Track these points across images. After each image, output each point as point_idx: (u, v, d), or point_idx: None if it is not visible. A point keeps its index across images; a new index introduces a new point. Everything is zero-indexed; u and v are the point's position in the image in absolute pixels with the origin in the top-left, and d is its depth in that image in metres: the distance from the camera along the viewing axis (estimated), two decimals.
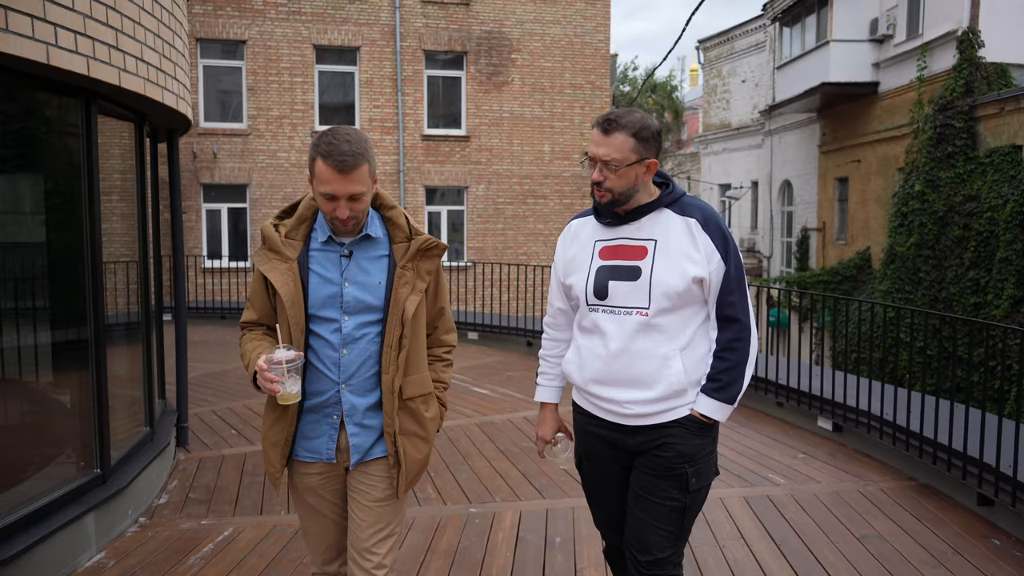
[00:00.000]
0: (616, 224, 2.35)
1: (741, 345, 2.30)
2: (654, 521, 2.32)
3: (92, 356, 3.95)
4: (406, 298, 2.23)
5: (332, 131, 2.10)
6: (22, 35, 3.04)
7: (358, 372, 2.23)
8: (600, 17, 19.08)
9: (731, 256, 2.28)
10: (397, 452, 2.27)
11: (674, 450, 2.29)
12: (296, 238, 2.24)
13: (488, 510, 4.41)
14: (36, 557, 3.38)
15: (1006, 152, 13.92)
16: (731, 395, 2.30)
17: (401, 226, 2.29)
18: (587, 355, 2.36)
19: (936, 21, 16.00)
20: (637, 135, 2.22)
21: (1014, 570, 3.68)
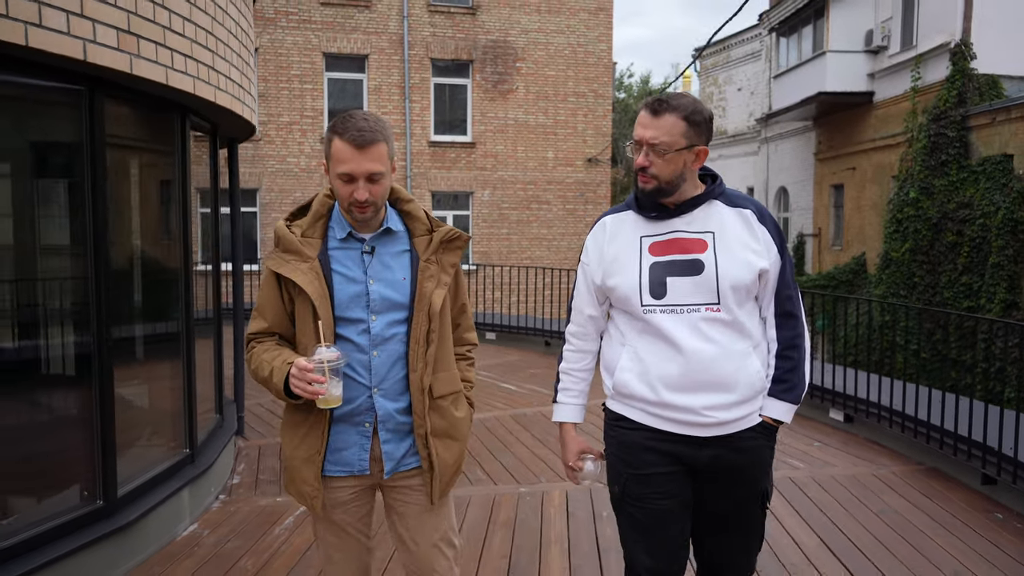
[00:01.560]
0: (664, 217, 2.17)
1: (801, 342, 2.20)
2: (747, 546, 2.22)
3: (183, 349, 4.36)
4: (432, 292, 2.13)
5: (347, 113, 2.03)
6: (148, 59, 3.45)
7: (389, 374, 2.12)
8: (603, 27, 19.55)
9: (786, 249, 2.19)
10: (430, 455, 2.16)
11: (754, 468, 2.16)
12: (314, 236, 2.12)
13: (536, 489, 4.82)
14: (148, 524, 3.78)
15: (997, 161, 14.45)
16: (798, 395, 2.19)
17: (420, 218, 2.20)
18: (654, 361, 2.13)
19: (929, 33, 16.52)
20: (688, 118, 2.06)
21: (1015, 538, 4.12)
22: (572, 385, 2.38)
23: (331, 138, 2.01)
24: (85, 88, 3.42)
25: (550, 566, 3.74)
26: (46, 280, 3.58)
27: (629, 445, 2.20)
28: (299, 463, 2.13)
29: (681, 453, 2.14)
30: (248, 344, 2.20)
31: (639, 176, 2.12)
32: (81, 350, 3.60)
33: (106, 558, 3.51)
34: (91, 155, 3.46)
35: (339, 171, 2.00)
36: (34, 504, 3.42)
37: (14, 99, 3.32)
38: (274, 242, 2.14)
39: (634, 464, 2.19)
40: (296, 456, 2.13)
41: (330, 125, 2.03)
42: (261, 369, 2.09)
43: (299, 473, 2.13)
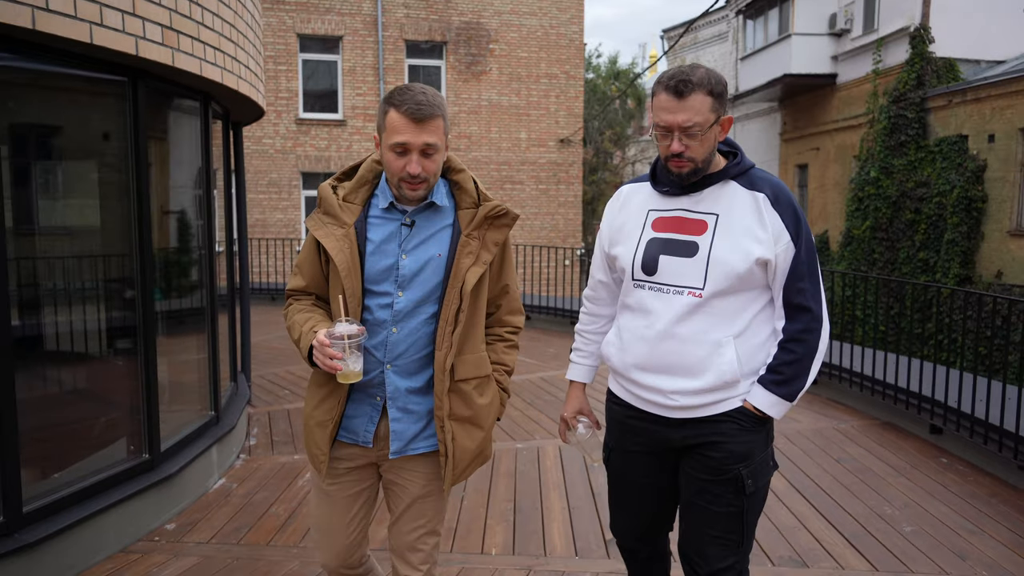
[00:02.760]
0: (675, 194, 2.12)
1: (810, 337, 2.07)
2: (711, 530, 2.11)
3: (207, 321, 4.72)
4: (467, 269, 2.04)
5: (405, 85, 1.98)
6: (186, 52, 3.79)
7: (406, 352, 2.05)
8: (574, 9, 19.85)
9: (803, 238, 2.05)
10: (446, 439, 2.08)
11: (724, 449, 2.07)
12: (355, 202, 2.06)
13: (532, 445, 5.27)
14: (186, 477, 4.15)
15: (953, 141, 15.12)
16: (792, 391, 2.07)
17: (469, 191, 2.11)
18: (629, 337, 2.15)
19: (890, 17, 17.12)
20: (712, 92, 1.98)
21: (958, 478, 4.66)
22: (583, 346, 2.40)
23: (387, 109, 1.95)
24: (128, 79, 3.75)
25: (551, 507, 4.19)
26: (96, 257, 3.91)
27: (613, 421, 2.27)
28: (314, 425, 2.12)
29: (655, 433, 2.15)
30: (287, 300, 2.19)
31: (673, 162, 2.03)
32: (128, 322, 3.94)
33: (153, 506, 3.88)
34: (134, 141, 3.79)
35: (393, 141, 1.93)
36: (90, 457, 3.77)
37: (71, 91, 3.64)
38: (316, 202, 2.09)
39: (618, 440, 2.26)
40: (313, 417, 2.12)
41: (386, 97, 1.97)
42: (293, 330, 2.08)
43: (312, 434, 2.13)
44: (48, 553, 3.26)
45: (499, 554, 3.64)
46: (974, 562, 3.57)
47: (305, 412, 2.17)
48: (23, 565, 3.16)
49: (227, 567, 3.49)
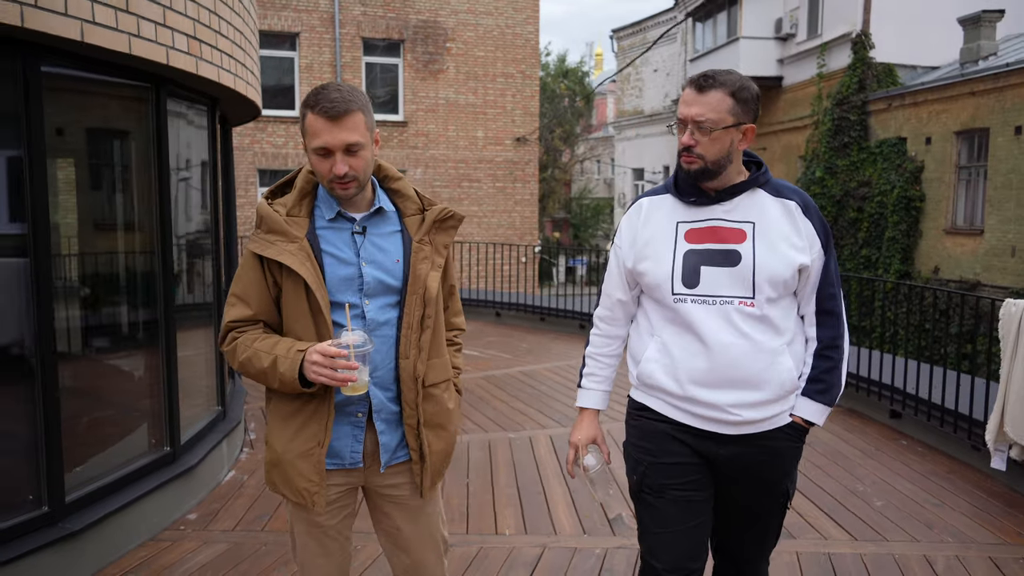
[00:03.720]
0: (704, 204, 2.07)
1: (841, 342, 2.12)
2: (756, 535, 2.21)
3: (214, 319, 4.86)
4: (427, 275, 2.01)
5: (320, 86, 1.91)
6: (207, 60, 3.95)
7: (383, 362, 2.00)
8: (530, 9, 20.13)
9: (831, 245, 2.09)
10: (421, 445, 2.05)
11: (776, 468, 2.10)
12: (300, 215, 1.97)
13: (523, 435, 5.54)
14: (203, 469, 4.31)
15: (893, 143, 15.88)
16: (833, 397, 2.10)
17: (411, 197, 2.08)
18: (681, 353, 2.06)
19: (833, 23, 17.85)
20: (736, 95, 1.97)
21: (918, 458, 5.09)
22: (597, 371, 2.30)
23: (304, 113, 1.88)
24: (152, 86, 3.89)
25: (553, 491, 4.47)
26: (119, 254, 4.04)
27: (651, 433, 2.14)
28: (294, 458, 1.97)
29: (702, 448, 2.09)
30: (227, 334, 1.99)
31: (683, 156, 2.03)
32: (149, 318, 4.08)
33: (175, 497, 4.03)
34: (157, 145, 3.94)
35: (314, 145, 1.87)
36: (117, 451, 3.90)
37: (103, 96, 3.77)
38: (256, 222, 1.97)
39: (655, 452, 2.12)
40: (291, 450, 1.97)
41: (303, 100, 1.90)
42: (257, 360, 1.91)
43: (294, 468, 1.97)
44: (90, 540, 3.41)
45: (513, 534, 3.90)
46: (940, 530, 3.97)
47: (277, 449, 1.99)
48: (69, 551, 3.30)
49: (257, 552, 3.68)
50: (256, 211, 1.97)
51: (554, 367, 7.97)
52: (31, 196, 3.17)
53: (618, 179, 32.75)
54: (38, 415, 3.27)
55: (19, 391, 3.30)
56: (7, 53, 3.04)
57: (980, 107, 13.98)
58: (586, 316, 10.26)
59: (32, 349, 3.26)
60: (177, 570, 3.50)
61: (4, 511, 3.21)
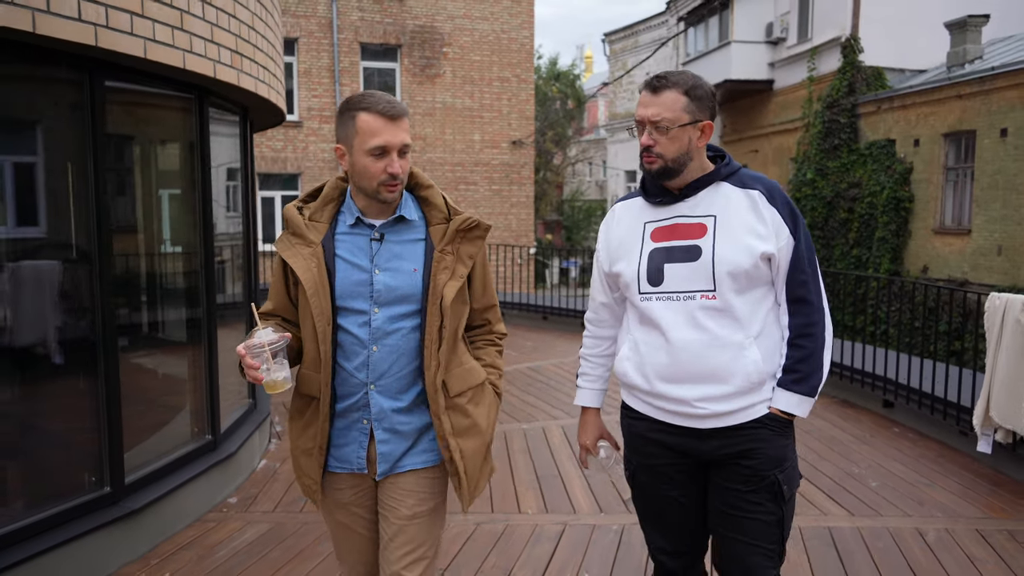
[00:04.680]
0: (668, 202, 2.11)
1: (816, 330, 2.07)
2: (753, 540, 2.07)
3: (247, 314, 5.12)
4: (444, 284, 1.99)
5: (364, 92, 1.95)
6: (248, 73, 4.22)
7: (389, 371, 1.99)
8: (525, 15, 20.43)
9: (800, 231, 2.06)
10: (452, 455, 2.04)
11: (760, 455, 2.05)
12: (321, 220, 2.03)
13: (536, 426, 5.82)
14: (241, 456, 4.58)
15: (882, 145, 16.25)
16: (812, 386, 2.06)
17: (438, 206, 2.06)
18: (647, 350, 2.10)
19: (823, 27, 18.22)
20: (689, 93, 2.01)
21: (910, 444, 5.41)
22: (590, 370, 2.37)
23: (355, 114, 1.90)
24: (195, 96, 4.16)
25: (569, 475, 4.75)
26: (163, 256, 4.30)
27: (635, 436, 2.21)
28: (299, 454, 2.09)
29: (684, 446, 2.11)
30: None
31: (644, 157, 2.06)
32: (195, 315, 4.35)
33: (217, 481, 4.30)
34: (200, 152, 4.21)
35: (372, 144, 1.89)
36: (164, 439, 4.16)
37: (150, 107, 4.04)
38: (283, 224, 2.06)
39: (640, 454, 2.19)
40: (297, 447, 2.09)
41: (347, 105, 1.93)
42: None
43: (299, 464, 2.09)
44: (146, 519, 3.68)
45: (535, 513, 4.18)
46: (930, 507, 4.28)
47: (291, 441, 2.13)
48: (129, 528, 3.57)
49: (298, 531, 3.95)
50: (283, 214, 2.05)
51: (559, 363, 8.27)
52: (96, 202, 3.44)
53: (611, 181, 33.08)
54: (101, 404, 3.54)
55: (85, 382, 3.56)
56: (76, 68, 3.31)
57: (967, 110, 14.35)
58: None
59: (97, 344, 3.52)
60: (227, 546, 3.77)
61: (71, 491, 3.48)
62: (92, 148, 3.41)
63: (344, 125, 1.94)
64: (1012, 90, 13.35)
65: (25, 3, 2.78)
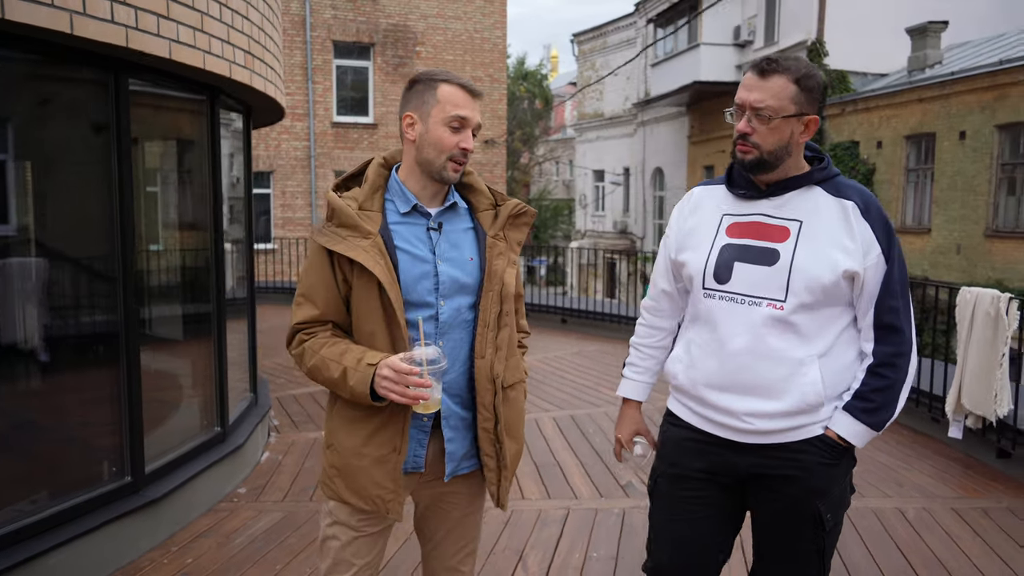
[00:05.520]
0: (753, 197, 1.95)
1: (902, 362, 1.90)
2: (790, 566, 1.98)
3: (248, 312, 5.22)
4: (503, 271, 1.94)
5: (436, 68, 1.89)
6: (259, 74, 4.33)
7: (453, 366, 1.91)
8: (497, 15, 20.60)
9: (895, 252, 1.89)
10: (499, 451, 1.96)
11: (801, 485, 1.90)
12: (373, 208, 1.89)
13: (529, 418, 6.00)
14: (247, 448, 4.68)
15: (847, 147, 16.72)
16: (880, 420, 1.89)
17: (483, 192, 2.02)
18: (698, 352, 1.98)
19: (789, 31, 18.67)
20: (800, 82, 1.83)
21: (885, 432, 5.68)
22: (639, 361, 2.21)
23: (437, 84, 1.85)
24: (207, 97, 4.26)
25: (566, 463, 4.94)
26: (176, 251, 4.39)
27: (669, 441, 2.08)
28: (369, 464, 1.88)
29: (721, 459, 1.97)
30: (294, 336, 1.92)
31: (739, 145, 1.89)
32: (205, 310, 4.45)
33: (226, 473, 4.40)
34: (211, 150, 4.31)
35: (453, 114, 1.83)
36: (179, 431, 4.25)
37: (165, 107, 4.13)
38: (327, 215, 1.89)
39: (671, 462, 2.06)
40: (365, 455, 1.88)
41: (425, 74, 1.89)
42: (325, 368, 1.84)
43: (367, 475, 1.88)
44: (165, 508, 3.77)
45: (538, 499, 4.36)
46: (909, 488, 4.54)
47: (344, 453, 1.91)
48: (149, 516, 3.67)
49: (311, 519, 4.07)
50: (327, 203, 1.87)
51: (542, 358, 8.45)
52: (120, 201, 3.53)
53: (579, 180, 33.37)
54: (123, 396, 3.63)
55: (107, 376, 3.65)
56: (102, 68, 3.40)
57: (927, 113, 14.85)
58: (566, 311, 10.77)
59: (120, 338, 3.61)
60: (243, 533, 3.89)
61: (94, 481, 3.57)
62: (116, 147, 3.50)
63: (420, 94, 1.87)
64: (970, 95, 13.86)
65: (63, 5, 2.88)
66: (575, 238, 32.24)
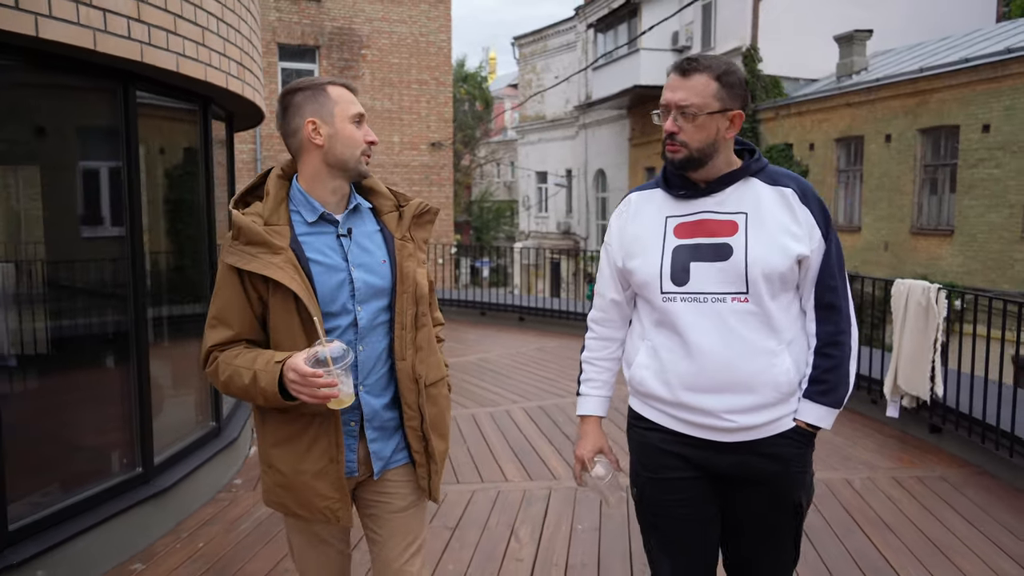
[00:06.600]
0: (693, 196, 1.97)
1: (844, 339, 1.96)
2: (769, 555, 2.04)
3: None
4: (415, 271, 1.97)
5: (304, 77, 1.97)
6: (248, 83, 4.54)
7: (374, 369, 1.94)
8: (442, 18, 20.83)
9: (832, 233, 1.95)
10: (427, 447, 2.01)
11: (785, 478, 1.96)
12: (279, 222, 1.86)
13: (501, 409, 6.32)
14: (240, 442, 4.88)
15: (781, 149, 17.50)
16: (839, 398, 1.96)
17: (385, 193, 2.02)
18: (670, 356, 1.96)
19: (725, 37, 19.40)
20: (721, 78, 1.87)
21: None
22: (595, 375, 2.18)
23: (324, 87, 1.87)
24: (199, 106, 4.45)
25: (542, 448, 5.27)
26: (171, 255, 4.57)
27: (646, 447, 2.05)
28: (310, 478, 1.89)
29: (700, 458, 1.98)
30: (208, 356, 1.89)
31: (668, 145, 1.93)
32: (201, 311, 4.63)
33: (222, 465, 4.60)
34: (204, 157, 4.51)
35: (354, 111, 1.88)
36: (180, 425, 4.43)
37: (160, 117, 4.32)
38: (232, 233, 1.85)
39: (651, 467, 2.04)
40: (305, 471, 1.89)
41: (305, 83, 1.88)
42: (238, 376, 1.81)
43: (311, 488, 1.90)
44: (172, 497, 3.97)
45: (521, 481, 4.68)
46: (854, 462, 5.01)
47: (283, 472, 1.91)
48: (158, 505, 3.87)
49: None
50: (231, 221, 1.84)
51: (505, 353, 8.79)
52: (130, 206, 3.72)
53: (522, 182, 33.81)
54: (133, 392, 3.82)
55: (118, 374, 3.84)
56: (114, 79, 3.59)
57: (855, 117, 15.68)
58: (524, 309, 11.13)
59: (131, 337, 3.80)
60: (247, 519, 4.11)
61: (108, 472, 3.75)
62: (126, 155, 3.69)
63: (315, 100, 1.86)
64: (894, 100, 14.71)
65: (88, 24, 3.09)
66: (519, 239, 32.65)
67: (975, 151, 13.10)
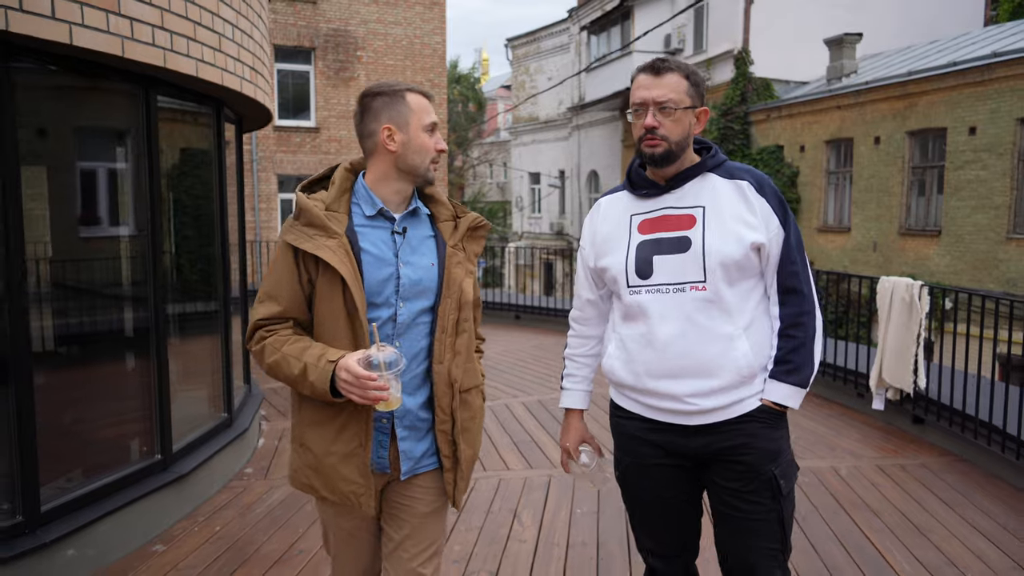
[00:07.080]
0: (655, 194, 2.08)
1: (807, 319, 2.04)
2: (756, 540, 2.04)
3: (242, 306, 5.58)
4: (462, 279, 2.02)
5: (382, 80, 1.95)
6: (260, 86, 4.72)
7: (410, 367, 1.97)
8: (437, 21, 21.00)
9: (790, 221, 2.05)
10: (455, 451, 2.04)
11: (754, 451, 2.01)
12: (339, 210, 1.95)
13: (500, 403, 6.51)
14: (248, 435, 5.06)
15: (772, 151, 17.75)
16: (804, 377, 2.03)
17: (445, 203, 2.10)
18: (635, 346, 2.06)
19: (717, 40, 19.64)
20: (689, 78, 2.00)
21: (816, 406, 6.40)
22: (576, 371, 2.31)
23: (403, 94, 1.95)
24: (212, 109, 4.64)
25: (541, 439, 5.47)
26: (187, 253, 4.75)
27: (625, 435, 2.17)
28: (337, 460, 1.94)
29: (672, 444, 2.07)
30: (255, 332, 1.96)
31: (646, 140, 2.00)
32: (214, 307, 4.82)
33: (234, 454, 4.78)
34: (217, 157, 4.69)
35: (429, 120, 1.96)
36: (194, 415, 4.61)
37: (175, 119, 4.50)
38: (294, 214, 1.94)
39: (631, 453, 2.15)
40: (333, 453, 1.94)
41: (385, 86, 1.96)
42: (287, 365, 1.88)
43: (337, 472, 1.95)
44: (189, 483, 4.15)
45: (521, 469, 4.87)
46: (840, 451, 5.23)
47: (315, 452, 1.97)
48: (177, 491, 4.05)
49: None
50: (295, 203, 1.92)
51: (503, 350, 8.98)
52: (151, 205, 3.90)
53: (515, 183, 33.99)
54: (153, 383, 4.00)
55: (139, 366, 4.01)
56: (134, 82, 3.77)
57: (845, 119, 15.94)
58: (520, 308, 11.33)
59: (151, 331, 3.98)
60: (261, 504, 4.29)
61: (130, 459, 3.93)
62: (148, 155, 3.87)
63: (392, 106, 1.94)
64: (883, 103, 14.97)
65: (116, 32, 3.27)
66: (512, 240, 32.83)
67: (962, 153, 13.37)
